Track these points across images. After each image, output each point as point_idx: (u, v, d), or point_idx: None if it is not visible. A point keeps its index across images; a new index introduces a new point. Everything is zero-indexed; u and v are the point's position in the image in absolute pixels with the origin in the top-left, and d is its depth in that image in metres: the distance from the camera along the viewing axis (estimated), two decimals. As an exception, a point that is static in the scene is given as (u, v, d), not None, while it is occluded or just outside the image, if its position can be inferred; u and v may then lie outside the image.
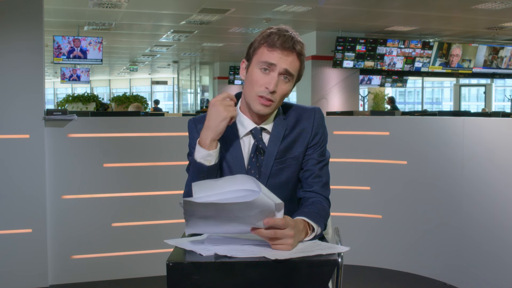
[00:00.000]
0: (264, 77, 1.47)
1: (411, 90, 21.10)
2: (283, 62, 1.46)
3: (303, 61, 1.52)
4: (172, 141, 3.47)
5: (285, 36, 1.46)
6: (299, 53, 1.48)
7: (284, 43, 1.45)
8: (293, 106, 1.62)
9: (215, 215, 1.20)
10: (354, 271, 3.56)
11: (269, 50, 1.46)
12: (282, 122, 1.57)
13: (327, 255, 1.22)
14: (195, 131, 1.60)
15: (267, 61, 1.46)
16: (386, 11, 8.88)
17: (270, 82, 1.46)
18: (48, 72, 19.65)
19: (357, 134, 3.71)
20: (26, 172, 3.23)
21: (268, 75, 1.47)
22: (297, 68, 1.50)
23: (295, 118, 1.58)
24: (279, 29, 1.49)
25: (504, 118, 3.19)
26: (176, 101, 22.75)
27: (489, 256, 3.10)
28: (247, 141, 1.56)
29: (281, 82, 1.48)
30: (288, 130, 1.56)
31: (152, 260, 3.46)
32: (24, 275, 3.25)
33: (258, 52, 1.49)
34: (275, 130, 1.56)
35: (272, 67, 1.46)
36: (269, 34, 1.48)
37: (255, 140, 1.55)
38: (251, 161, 1.55)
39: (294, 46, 1.47)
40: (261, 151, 1.54)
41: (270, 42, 1.46)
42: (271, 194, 1.23)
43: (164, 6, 8.48)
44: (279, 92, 1.48)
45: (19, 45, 3.23)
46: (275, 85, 1.46)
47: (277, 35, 1.46)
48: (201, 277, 1.19)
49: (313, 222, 1.39)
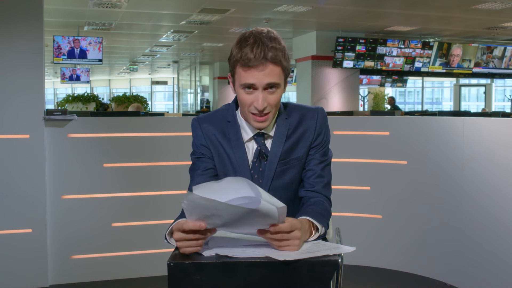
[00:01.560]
0: (250, 97, 1.45)
1: (411, 90, 21.11)
2: (262, 79, 1.41)
3: (283, 60, 1.44)
4: (172, 141, 3.47)
5: (255, 50, 1.39)
6: (273, 59, 1.41)
7: (256, 59, 1.39)
8: (296, 105, 1.61)
9: (216, 214, 1.19)
10: (354, 271, 3.56)
11: (245, 71, 1.42)
12: (284, 122, 1.56)
13: (328, 255, 1.22)
14: (199, 130, 1.59)
15: (246, 83, 1.43)
16: (386, 11, 8.88)
17: (257, 101, 1.43)
18: (48, 72, 19.66)
19: (357, 134, 3.71)
20: (26, 172, 3.23)
21: (253, 94, 1.44)
22: (278, 73, 1.44)
23: (298, 118, 1.58)
24: (253, 37, 1.42)
25: (504, 118, 3.19)
26: (176, 101, 22.76)
27: (489, 256, 3.10)
28: (250, 146, 1.56)
29: (268, 95, 1.45)
30: (291, 130, 1.56)
31: (153, 260, 3.46)
32: (24, 275, 3.25)
33: (236, 72, 1.46)
34: (278, 130, 1.55)
35: (254, 86, 1.43)
36: (240, 48, 1.42)
37: (258, 145, 1.55)
38: (254, 166, 1.55)
39: (266, 56, 1.40)
40: (264, 155, 1.54)
41: (243, 62, 1.41)
42: (272, 199, 1.22)
43: (164, 6, 8.48)
44: (271, 103, 1.46)
45: (19, 45, 3.23)
46: (262, 103, 1.43)
47: (248, 49, 1.40)
48: (202, 277, 1.19)
49: (317, 222, 1.39)
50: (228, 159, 1.56)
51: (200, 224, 1.21)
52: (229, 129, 1.57)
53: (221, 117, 1.60)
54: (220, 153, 1.57)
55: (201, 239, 1.24)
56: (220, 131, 1.57)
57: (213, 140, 1.58)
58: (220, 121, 1.59)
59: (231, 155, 1.55)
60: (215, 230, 1.26)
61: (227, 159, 1.56)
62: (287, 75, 1.49)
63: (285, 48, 1.46)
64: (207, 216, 1.20)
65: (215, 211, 1.17)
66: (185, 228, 1.21)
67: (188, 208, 1.19)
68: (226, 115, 1.59)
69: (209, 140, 1.58)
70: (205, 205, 1.16)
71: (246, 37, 1.44)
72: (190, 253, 1.25)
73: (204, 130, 1.58)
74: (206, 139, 1.58)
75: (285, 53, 1.45)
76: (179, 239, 1.24)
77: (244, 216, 1.18)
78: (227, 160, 1.56)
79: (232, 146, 1.55)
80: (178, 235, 1.23)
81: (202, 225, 1.21)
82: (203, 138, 1.58)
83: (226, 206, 1.15)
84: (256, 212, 1.16)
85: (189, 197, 1.16)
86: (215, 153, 1.58)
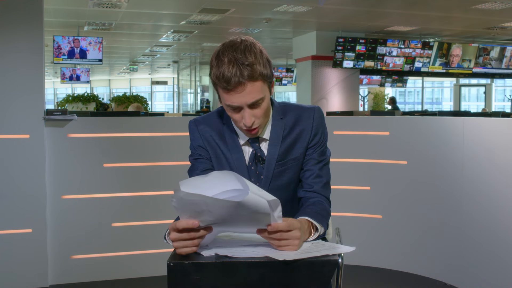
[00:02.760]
0: (237, 115, 1.44)
1: (411, 90, 21.11)
2: (244, 99, 1.39)
3: (263, 70, 1.40)
4: (172, 141, 3.47)
5: (231, 70, 1.35)
6: (251, 77, 1.37)
7: (233, 81, 1.36)
8: (292, 105, 1.61)
9: (206, 210, 1.18)
10: (354, 271, 3.56)
11: (226, 93, 1.40)
12: (279, 123, 1.55)
13: (328, 255, 1.22)
14: (196, 132, 1.60)
15: (230, 105, 1.42)
16: (386, 11, 8.88)
17: (244, 118, 1.43)
18: (48, 72, 19.66)
19: (357, 134, 3.71)
20: (26, 172, 3.23)
21: (240, 113, 1.43)
22: (259, 88, 1.40)
23: (294, 118, 1.57)
24: (227, 56, 1.37)
25: (504, 118, 3.19)
26: (176, 101, 22.76)
27: (489, 256, 3.10)
28: (246, 149, 1.56)
29: (254, 109, 1.43)
30: (286, 130, 1.55)
31: (152, 260, 3.46)
32: (24, 275, 3.25)
33: (219, 91, 1.43)
34: (274, 132, 1.55)
35: (238, 106, 1.42)
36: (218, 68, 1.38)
37: (253, 148, 1.55)
38: (250, 169, 1.55)
39: (242, 75, 1.35)
40: (260, 158, 1.54)
41: (222, 85, 1.38)
42: (261, 192, 1.21)
43: (164, 6, 8.48)
44: (258, 116, 1.45)
45: (19, 45, 3.23)
46: (250, 119, 1.43)
47: (225, 69, 1.36)
48: (202, 277, 1.19)
49: (316, 222, 1.38)
50: (225, 160, 1.56)
51: (193, 222, 1.20)
52: (225, 131, 1.57)
53: (217, 118, 1.60)
54: (218, 154, 1.57)
55: (196, 239, 1.23)
56: (217, 132, 1.58)
57: (211, 142, 1.58)
58: (217, 123, 1.59)
59: (228, 156, 1.55)
60: (211, 228, 1.25)
61: (224, 160, 1.56)
62: (270, 81, 1.46)
63: (262, 54, 1.41)
64: (198, 212, 1.19)
65: (205, 206, 1.16)
66: (179, 227, 1.21)
67: (178, 206, 1.18)
68: (222, 116, 1.59)
69: (206, 141, 1.58)
70: (193, 201, 1.15)
71: (220, 56, 1.39)
72: (189, 254, 1.24)
73: (201, 131, 1.59)
74: (204, 141, 1.58)
75: (262, 61, 1.40)
76: (174, 239, 1.23)
77: (235, 211, 1.17)
78: (224, 161, 1.56)
79: (229, 147, 1.55)
80: (173, 235, 1.23)
81: (195, 223, 1.20)
82: (201, 139, 1.58)
83: (213, 200, 1.14)
84: (246, 206, 1.15)
85: (176, 195, 1.16)
86: (212, 154, 1.58)
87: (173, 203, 1.17)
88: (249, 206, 1.15)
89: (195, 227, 1.21)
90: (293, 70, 16.37)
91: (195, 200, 1.15)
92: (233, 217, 1.20)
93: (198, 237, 1.23)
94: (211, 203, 1.15)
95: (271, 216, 1.20)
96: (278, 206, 1.21)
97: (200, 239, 1.24)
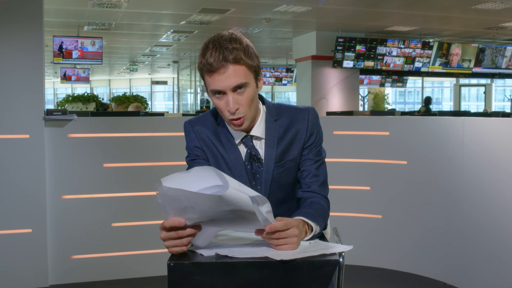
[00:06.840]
0: (221, 102, 1.44)
1: (411, 90, 21.11)
2: (226, 81, 1.40)
3: (247, 59, 1.42)
4: (172, 141, 3.47)
5: (213, 54, 1.38)
6: (234, 60, 1.39)
7: (216, 62, 1.38)
8: (286, 107, 1.60)
9: (189, 206, 1.17)
10: (354, 271, 3.56)
11: (210, 77, 1.41)
12: (273, 125, 1.55)
13: (328, 255, 1.22)
14: (192, 133, 1.60)
15: (214, 89, 1.42)
16: (386, 11, 8.88)
17: (228, 104, 1.42)
18: (48, 72, 19.65)
19: (357, 134, 3.71)
20: (26, 172, 3.23)
21: (223, 99, 1.43)
22: (243, 73, 1.41)
23: (289, 119, 1.57)
24: (212, 43, 1.41)
25: (504, 118, 3.19)
26: (176, 101, 22.76)
27: (489, 256, 3.10)
28: (241, 149, 1.56)
29: (238, 96, 1.43)
30: (281, 132, 1.55)
31: (153, 260, 3.46)
32: (24, 275, 3.25)
33: (205, 80, 1.45)
34: (268, 134, 1.55)
35: (222, 91, 1.42)
36: (203, 56, 1.41)
37: (247, 148, 1.55)
38: (246, 169, 1.55)
39: (226, 58, 1.38)
40: (255, 158, 1.54)
41: (206, 68, 1.40)
42: (242, 187, 1.20)
43: (164, 6, 8.48)
44: (243, 104, 1.44)
45: (19, 45, 3.23)
46: (233, 105, 1.42)
47: (209, 54, 1.39)
48: (202, 277, 1.19)
49: (311, 221, 1.39)
50: (222, 160, 1.56)
51: (179, 220, 1.20)
52: (219, 131, 1.57)
53: (212, 118, 1.60)
54: (215, 154, 1.57)
55: (185, 237, 1.22)
56: (212, 132, 1.58)
57: (207, 142, 1.58)
58: (211, 123, 1.59)
59: (225, 156, 1.55)
60: (200, 227, 1.24)
61: (221, 160, 1.56)
62: (257, 72, 1.47)
63: (248, 47, 1.43)
64: (182, 209, 1.18)
65: (187, 202, 1.16)
66: (166, 225, 1.22)
67: (163, 202, 1.18)
68: (217, 117, 1.59)
69: (203, 142, 1.58)
70: (175, 196, 1.15)
71: (207, 43, 1.43)
72: (190, 253, 1.24)
73: (197, 132, 1.59)
74: (200, 141, 1.58)
75: (248, 51, 1.42)
76: (164, 238, 1.24)
77: (218, 207, 1.16)
78: (222, 161, 1.56)
79: (225, 147, 1.55)
80: (162, 234, 1.23)
81: (181, 221, 1.20)
82: (197, 140, 1.58)
83: (194, 195, 1.14)
84: (228, 201, 1.14)
85: (159, 189, 1.16)
86: (209, 154, 1.58)
87: (158, 199, 1.17)
88: (230, 201, 1.14)
89: (181, 225, 1.20)
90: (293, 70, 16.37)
91: (178, 196, 1.15)
92: (217, 214, 1.19)
93: (187, 236, 1.23)
94: (192, 198, 1.15)
95: (259, 212, 1.19)
96: (265, 203, 1.21)
97: (189, 237, 1.23)
